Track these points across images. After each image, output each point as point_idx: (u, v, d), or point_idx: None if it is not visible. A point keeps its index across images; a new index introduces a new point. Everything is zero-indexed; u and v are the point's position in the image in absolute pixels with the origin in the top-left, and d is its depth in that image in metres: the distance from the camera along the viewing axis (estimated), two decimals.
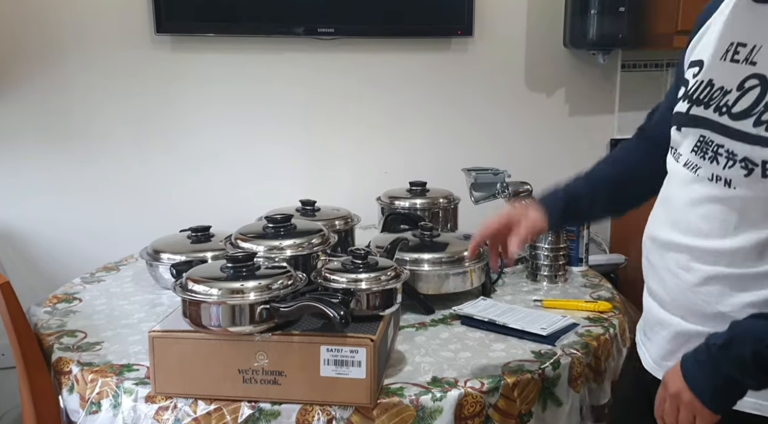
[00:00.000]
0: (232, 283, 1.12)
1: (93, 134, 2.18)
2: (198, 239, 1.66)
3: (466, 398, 1.14)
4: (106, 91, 2.16)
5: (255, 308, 1.10)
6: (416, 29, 2.33)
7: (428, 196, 1.91)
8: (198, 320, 1.11)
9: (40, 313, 1.50)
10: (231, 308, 1.10)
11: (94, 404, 1.19)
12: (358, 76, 2.35)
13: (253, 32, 2.21)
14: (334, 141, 2.37)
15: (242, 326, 1.10)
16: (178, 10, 2.13)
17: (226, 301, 1.10)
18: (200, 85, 2.24)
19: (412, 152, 2.42)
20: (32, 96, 2.11)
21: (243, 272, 1.14)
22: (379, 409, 1.11)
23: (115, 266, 1.85)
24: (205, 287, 1.11)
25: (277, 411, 1.11)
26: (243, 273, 1.14)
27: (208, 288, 1.11)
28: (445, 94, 2.43)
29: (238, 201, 2.26)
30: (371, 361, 1.09)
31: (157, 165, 2.24)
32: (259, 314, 1.10)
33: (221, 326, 1.10)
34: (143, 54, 2.17)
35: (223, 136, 2.28)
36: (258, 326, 1.10)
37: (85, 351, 1.31)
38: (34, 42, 2.08)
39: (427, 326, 1.42)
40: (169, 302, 1.55)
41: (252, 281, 1.12)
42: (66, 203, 2.18)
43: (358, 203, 1.93)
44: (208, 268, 1.25)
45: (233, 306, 1.10)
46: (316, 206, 1.81)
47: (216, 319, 1.10)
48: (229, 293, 1.10)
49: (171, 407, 1.13)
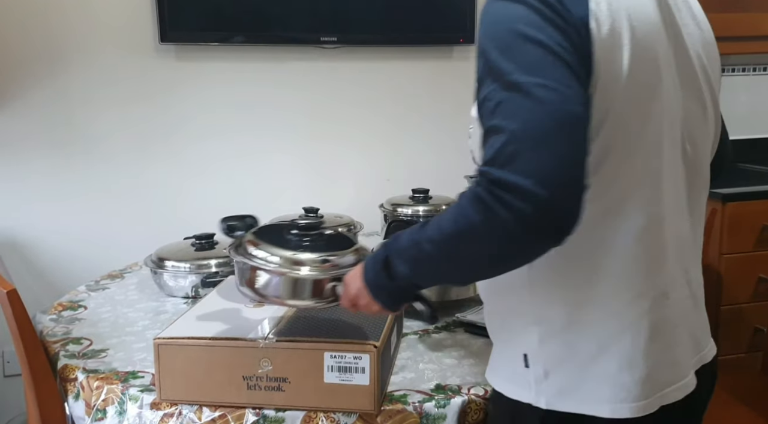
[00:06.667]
0: (308, 253, 1.06)
1: (97, 142, 2.19)
2: (202, 247, 1.67)
3: (469, 405, 1.14)
4: (111, 100, 2.18)
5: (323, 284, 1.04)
6: (418, 37, 2.35)
7: (431, 204, 1.92)
8: (258, 288, 1.06)
9: (45, 320, 1.51)
10: (307, 282, 1.04)
11: (100, 411, 1.20)
12: (360, 84, 2.37)
13: (257, 41, 2.23)
14: (337, 149, 2.38)
15: (304, 299, 1.06)
16: (182, 19, 2.14)
17: (301, 275, 1.04)
18: (204, 93, 2.25)
19: (414, 160, 2.43)
20: (37, 104, 2.13)
21: (304, 242, 1.09)
22: (382, 416, 1.11)
23: (120, 274, 1.85)
24: (269, 254, 1.05)
25: (281, 418, 1.12)
26: (304, 243, 1.08)
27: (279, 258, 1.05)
28: (448, 102, 2.44)
29: (241, 209, 2.26)
30: (375, 368, 1.09)
31: (161, 173, 2.25)
32: (330, 291, 1.05)
33: (280, 297, 1.05)
34: (147, 63, 2.18)
35: (226, 144, 2.29)
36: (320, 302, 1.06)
37: (91, 358, 1.31)
38: (39, 50, 2.10)
39: (431, 333, 1.43)
40: (174, 310, 1.55)
41: (323, 254, 1.06)
42: (70, 210, 2.19)
43: (361, 211, 1.94)
44: (274, 232, 1.16)
45: (307, 280, 1.04)
46: (320, 214, 1.82)
47: (277, 290, 1.05)
48: (314, 264, 1.04)
49: (176, 414, 1.13)
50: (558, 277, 0.89)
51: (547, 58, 0.77)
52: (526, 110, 0.75)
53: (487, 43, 0.81)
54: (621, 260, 0.88)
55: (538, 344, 0.91)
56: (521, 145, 0.74)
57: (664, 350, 0.91)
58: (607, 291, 0.88)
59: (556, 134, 0.74)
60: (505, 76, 0.77)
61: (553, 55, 0.77)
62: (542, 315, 0.91)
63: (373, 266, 0.94)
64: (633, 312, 0.89)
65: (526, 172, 0.73)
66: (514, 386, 0.95)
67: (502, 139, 0.75)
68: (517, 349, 0.94)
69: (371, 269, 0.95)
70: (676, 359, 0.93)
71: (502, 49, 0.79)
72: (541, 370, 0.91)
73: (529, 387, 0.92)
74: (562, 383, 0.90)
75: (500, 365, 0.99)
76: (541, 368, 0.91)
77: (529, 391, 0.92)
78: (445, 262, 0.86)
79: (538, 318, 0.92)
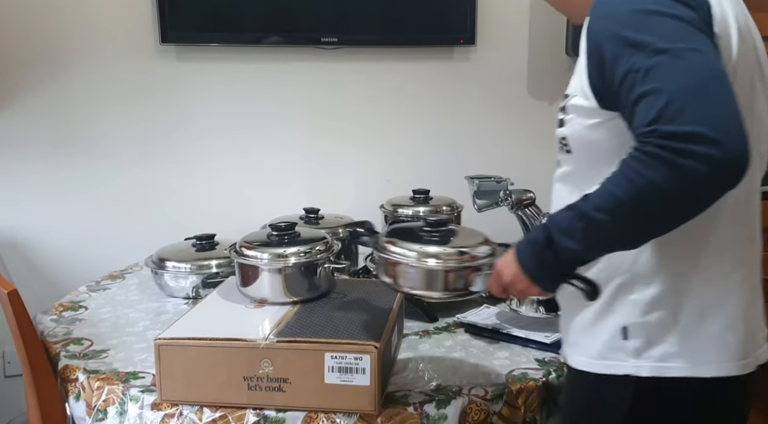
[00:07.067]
0: (444, 247, 1.08)
1: (98, 142, 2.19)
2: (203, 247, 1.67)
3: (470, 406, 1.15)
4: (112, 100, 2.18)
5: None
6: (418, 38, 2.34)
7: (431, 204, 1.92)
8: (401, 283, 1.08)
9: (46, 321, 1.51)
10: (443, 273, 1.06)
11: (101, 411, 1.20)
12: (361, 85, 2.37)
13: (257, 42, 2.23)
14: (337, 149, 2.39)
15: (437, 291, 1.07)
16: (182, 20, 2.14)
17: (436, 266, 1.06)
18: (204, 94, 2.25)
19: (415, 160, 2.43)
20: (38, 105, 2.13)
21: (436, 236, 1.11)
22: (383, 416, 1.11)
23: (120, 274, 1.86)
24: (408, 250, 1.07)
25: (281, 418, 1.12)
26: (436, 237, 1.11)
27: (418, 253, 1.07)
28: (448, 103, 2.44)
29: (242, 209, 2.27)
30: (375, 368, 1.09)
31: (162, 173, 2.25)
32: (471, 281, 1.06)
33: (414, 288, 1.07)
34: (148, 63, 2.18)
35: (227, 144, 2.29)
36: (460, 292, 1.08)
37: (92, 359, 1.31)
38: (40, 51, 2.10)
39: (431, 334, 1.43)
40: (174, 310, 1.56)
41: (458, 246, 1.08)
42: (70, 211, 2.19)
43: (362, 211, 1.93)
44: (405, 231, 1.16)
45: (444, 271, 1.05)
46: (320, 214, 1.82)
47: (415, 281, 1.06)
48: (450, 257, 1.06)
49: (177, 415, 1.13)
50: (664, 247, 0.93)
51: (687, 28, 0.84)
52: (680, 70, 0.81)
53: (615, 26, 0.87)
54: (723, 229, 0.94)
55: (641, 315, 0.96)
56: (684, 100, 0.79)
57: (758, 314, 0.99)
58: (712, 258, 0.94)
59: (713, 88, 0.80)
60: (650, 46, 0.83)
61: (690, 26, 0.84)
62: (646, 286, 0.95)
63: (533, 249, 0.94)
64: (737, 277, 0.96)
65: (699, 121, 0.78)
66: (607, 362, 0.99)
67: (664, 99, 0.80)
68: (613, 323, 0.98)
69: (529, 252, 0.95)
70: (762, 324, 1.01)
71: (637, 27, 0.84)
72: (643, 340, 0.95)
73: (627, 359, 0.96)
74: (666, 350, 0.95)
75: (589, 343, 1.01)
76: (643, 338, 0.95)
77: (626, 363, 0.96)
78: (622, 226, 0.87)
79: (641, 290, 0.96)
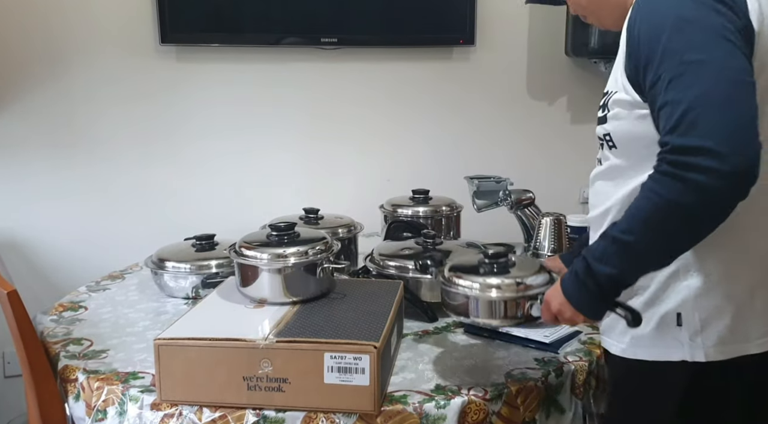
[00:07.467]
0: (501, 278, 1.14)
1: (98, 143, 2.19)
2: (202, 247, 1.67)
3: (469, 406, 1.15)
4: (112, 101, 2.18)
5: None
6: (418, 38, 2.35)
7: (431, 204, 1.92)
8: (464, 312, 1.16)
9: (46, 321, 1.51)
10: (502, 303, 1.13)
11: (100, 411, 1.20)
12: (360, 85, 2.37)
13: (257, 42, 2.23)
14: (337, 149, 2.39)
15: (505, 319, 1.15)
16: (182, 20, 2.15)
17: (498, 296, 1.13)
18: (204, 94, 2.25)
19: (414, 160, 2.43)
20: (38, 105, 2.13)
21: (495, 268, 1.18)
22: (382, 416, 1.11)
23: (120, 275, 1.86)
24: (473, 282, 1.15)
25: (281, 418, 1.12)
26: (496, 269, 1.17)
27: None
28: (448, 103, 2.44)
29: (241, 209, 2.28)
30: (375, 368, 1.09)
31: (162, 173, 2.25)
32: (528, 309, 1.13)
33: (484, 318, 1.15)
34: (148, 64, 2.19)
35: (227, 144, 2.29)
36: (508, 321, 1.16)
37: (91, 359, 1.31)
38: (40, 52, 2.10)
39: (431, 334, 1.43)
40: (174, 310, 1.56)
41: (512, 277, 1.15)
42: (70, 211, 2.19)
43: (361, 211, 1.94)
44: (466, 263, 1.24)
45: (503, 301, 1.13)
46: (320, 214, 1.82)
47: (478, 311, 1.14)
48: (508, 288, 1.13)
49: (176, 415, 1.13)
50: (713, 235, 0.94)
51: (717, 38, 0.88)
52: (700, 82, 0.86)
53: (653, 30, 0.92)
54: (764, 212, 1.00)
55: (694, 301, 1.00)
56: (698, 111, 0.84)
57: None
58: (754, 242, 1.01)
59: (731, 100, 0.85)
60: (677, 56, 0.88)
61: (721, 35, 0.88)
62: (699, 273, 1.00)
63: (575, 279, 0.99)
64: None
65: (707, 134, 0.83)
66: (660, 349, 1.02)
67: (681, 108, 0.85)
68: (666, 310, 1.01)
69: (572, 283, 1.00)
70: None
71: (672, 34, 0.90)
72: (697, 325, 1.00)
73: (681, 345, 1.01)
74: (720, 333, 1.00)
75: (639, 331, 1.03)
76: (697, 324, 1.00)
77: (681, 349, 1.01)
78: (650, 245, 0.92)
79: (695, 276, 1.00)
